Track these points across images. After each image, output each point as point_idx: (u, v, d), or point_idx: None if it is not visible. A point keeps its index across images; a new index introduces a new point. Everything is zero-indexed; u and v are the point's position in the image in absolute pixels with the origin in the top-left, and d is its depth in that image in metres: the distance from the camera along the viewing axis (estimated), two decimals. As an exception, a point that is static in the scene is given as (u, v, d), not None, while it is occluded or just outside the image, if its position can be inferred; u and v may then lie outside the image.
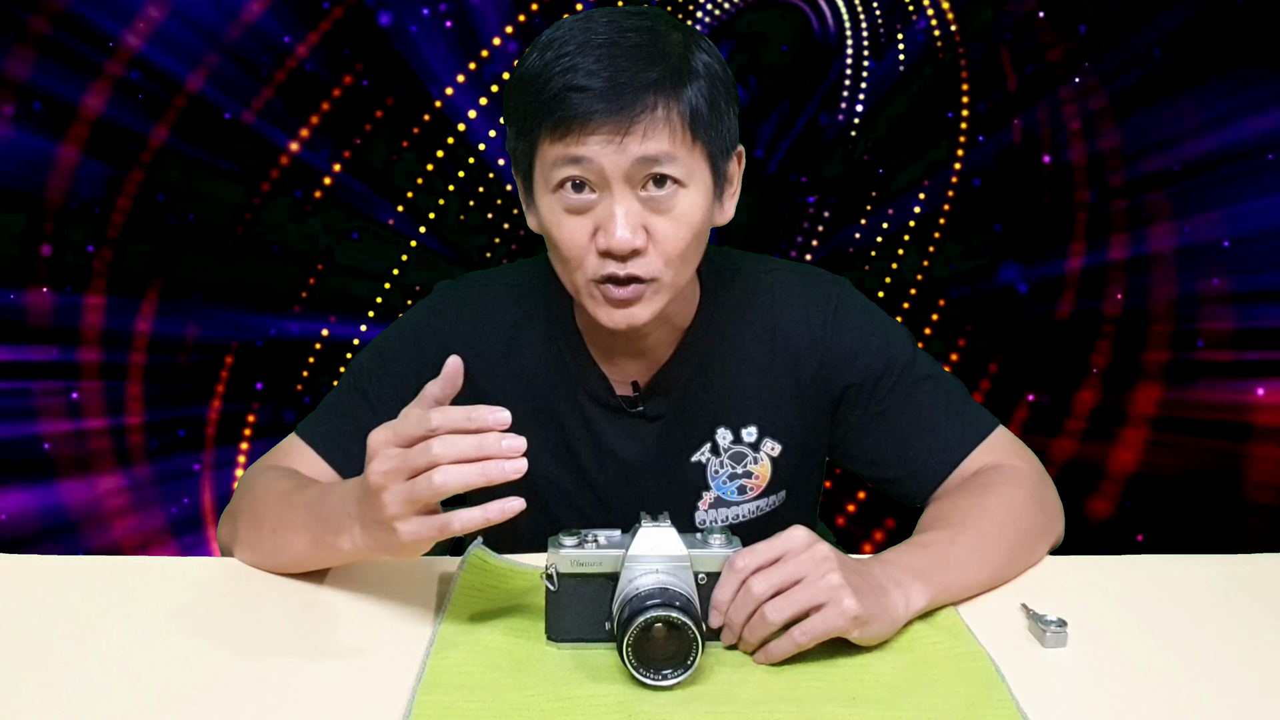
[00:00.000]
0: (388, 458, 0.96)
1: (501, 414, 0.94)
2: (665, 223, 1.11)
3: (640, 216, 1.10)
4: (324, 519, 1.06)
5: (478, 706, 0.92)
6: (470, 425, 0.94)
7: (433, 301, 1.32)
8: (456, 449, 0.93)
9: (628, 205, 1.10)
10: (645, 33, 1.10)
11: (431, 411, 0.95)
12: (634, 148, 1.08)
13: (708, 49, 1.14)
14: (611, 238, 1.09)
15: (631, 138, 1.07)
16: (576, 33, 1.10)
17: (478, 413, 0.94)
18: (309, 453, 1.26)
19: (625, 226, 1.09)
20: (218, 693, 0.95)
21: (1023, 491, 1.21)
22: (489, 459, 0.93)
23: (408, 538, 0.96)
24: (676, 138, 1.09)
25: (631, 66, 1.08)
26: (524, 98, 1.11)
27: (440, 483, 0.93)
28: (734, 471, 1.29)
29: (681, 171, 1.10)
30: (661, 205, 1.11)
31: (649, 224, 1.11)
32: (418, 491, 0.94)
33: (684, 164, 1.10)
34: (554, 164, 1.10)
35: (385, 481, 0.95)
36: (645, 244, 1.11)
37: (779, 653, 0.98)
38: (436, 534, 0.96)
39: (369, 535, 1.00)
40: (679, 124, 1.09)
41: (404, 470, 0.95)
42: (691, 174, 1.11)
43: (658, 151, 1.08)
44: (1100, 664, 1.00)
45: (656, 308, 1.15)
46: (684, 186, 1.11)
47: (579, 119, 1.07)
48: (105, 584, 1.16)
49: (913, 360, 1.28)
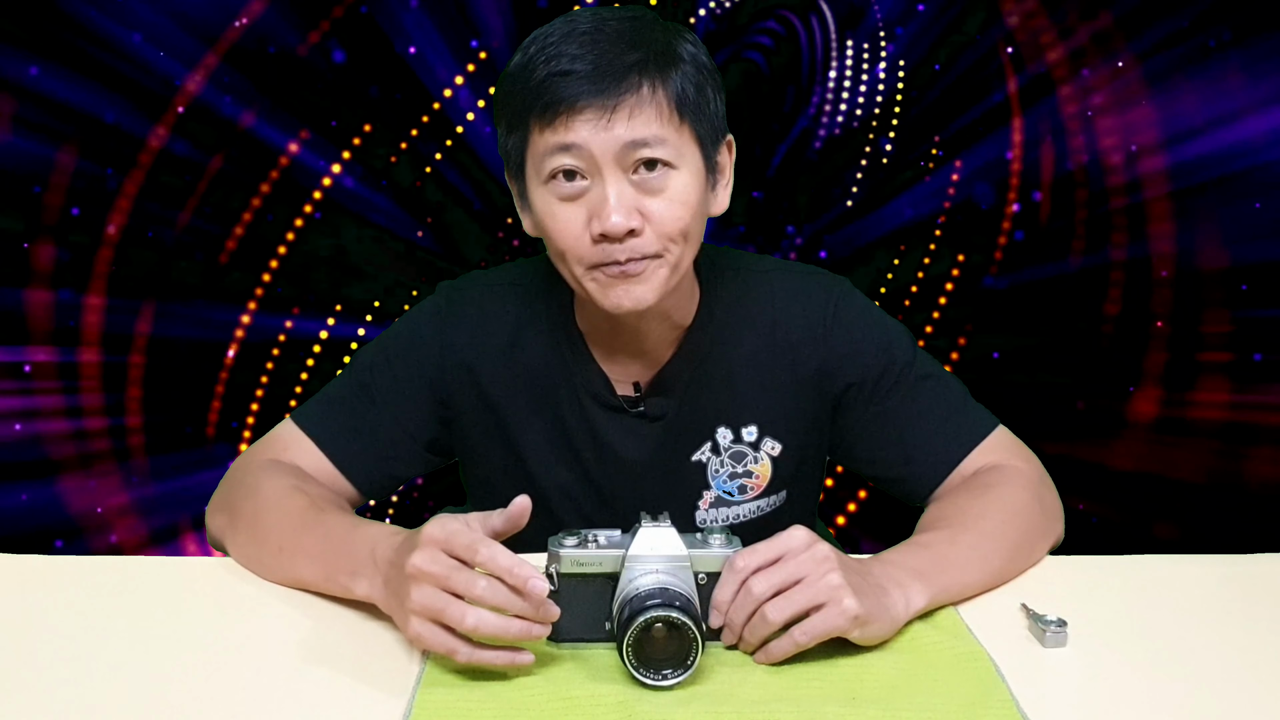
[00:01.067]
0: (433, 560, 0.95)
1: (541, 584, 0.93)
2: (659, 203, 1.11)
3: (633, 199, 1.11)
4: (345, 556, 1.06)
5: (478, 706, 0.92)
6: (510, 579, 0.93)
7: (436, 300, 1.32)
8: (499, 598, 0.93)
9: (619, 188, 1.10)
10: (628, 21, 1.12)
11: (487, 544, 0.94)
12: (621, 129, 1.08)
13: (692, 40, 1.15)
14: (606, 221, 1.09)
15: (619, 118, 1.08)
16: (560, 26, 1.12)
17: (523, 571, 0.93)
18: (307, 443, 1.26)
19: (619, 209, 1.09)
20: (217, 693, 0.95)
21: (1023, 491, 1.21)
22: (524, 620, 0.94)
23: (413, 635, 0.96)
24: (664, 118, 1.10)
25: (614, 49, 1.09)
26: (511, 92, 1.13)
27: (473, 625, 0.93)
28: (734, 471, 1.29)
29: (671, 154, 1.11)
30: (653, 187, 1.11)
31: (642, 206, 1.11)
32: (449, 614, 0.94)
33: (673, 146, 1.11)
34: (545, 154, 1.11)
35: (421, 580, 0.95)
36: (641, 225, 1.11)
37: (779, 653, 0.98)
38: (442, 653, 0.95)
39: (389, 595, 1.00)
40: (665, 104, 1.10)
41: (442, 582, 0.94)
42: (681, 155, 1.12)
43: (646, 134, 1.09)
44: (1100, 664, 1.00)
45: (659, 286, 1.14)
46: (675, 169, 1.12)
47: (566, 102, 1.08)
48: (105, 584, 1.16)
49: (913, 359, 1.28)
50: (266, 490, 1.18)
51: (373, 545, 1.04)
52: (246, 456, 1.27)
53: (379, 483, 1.29)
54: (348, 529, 1.10)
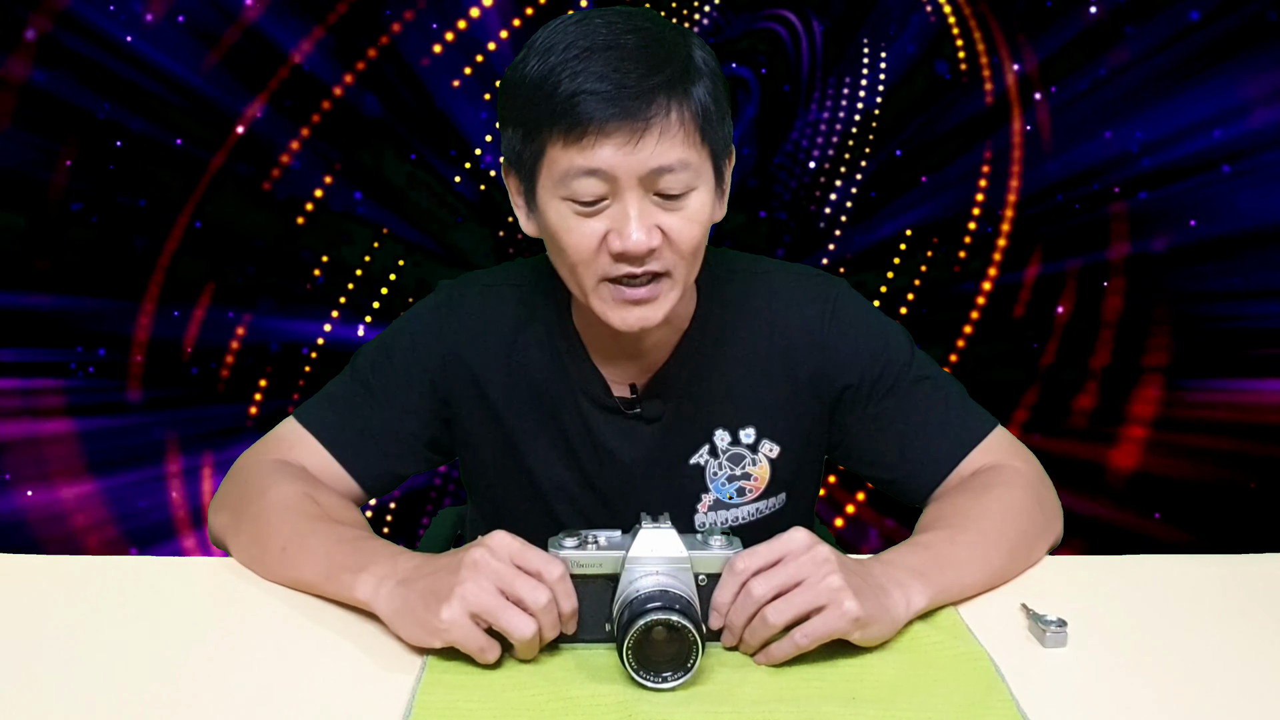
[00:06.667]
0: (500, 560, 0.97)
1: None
2: (677, 220, 1.11)
3: (653, 216, 1.10)
4: (353, 555, 1.07)
5: (478, 706, 0.92)
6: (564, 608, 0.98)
7: (436, 299, 1.32)
8: (551, 618, 0.97)
9: (641, 207, 1.09)
10: (645, 34, 1.10)
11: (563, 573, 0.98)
12: (647, 153, 1.07)
13: (701, 45, 1.14)
14: (628, 240, 1.09)
15: (646, 142, 1.07)
16: (578, 36, 1.09)
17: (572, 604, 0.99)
18: (310, 441, 1.26)
19: (640, 229, 1.09)
20: (217, 692, 0.95)
21: (1022, 492, 1.21)
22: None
23: (446, 622, 0.96)
24: (689, 140, 1.09)
25: (638, 69, 1.07)
26: (530, 102, 1.10)
27: (530, 635, 0.96)
28: (733, 473, 1.29)
29: (692, 176, 1.10)
30: (673, 204, 1.10)
31: (661, 222, 1.10)
32: (503, 617, 0.95)
33: (694, 169, 1.10)
34: (565, 173, 1.09)
35: (481, 573, 0.96)
36: (660, 243, 1.10)
37: (780, 655, 0.98)
38: (470, 647, 0.96)
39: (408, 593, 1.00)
40: (691, 125, 1.09)
41: (507, 583, 0.96)
42: (700, 175, 1.11)
43: (672, 160, 1.08)
44: (1100, 664, 1.00)
45: (669, 306, 1.14)
46: (694, 188, 1.11)
47: (595, 123, 1.06)
48: (105, 584, 1.16)
49: (910, 360, 1.28)
50: (274, 494, 1.18)
51: (396, 551, 1.05)
52: (251, 455, 1.27)
53: (382, 480, 1.29)
54: (361, 536, 1.11)
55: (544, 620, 0.96)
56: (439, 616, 0.96)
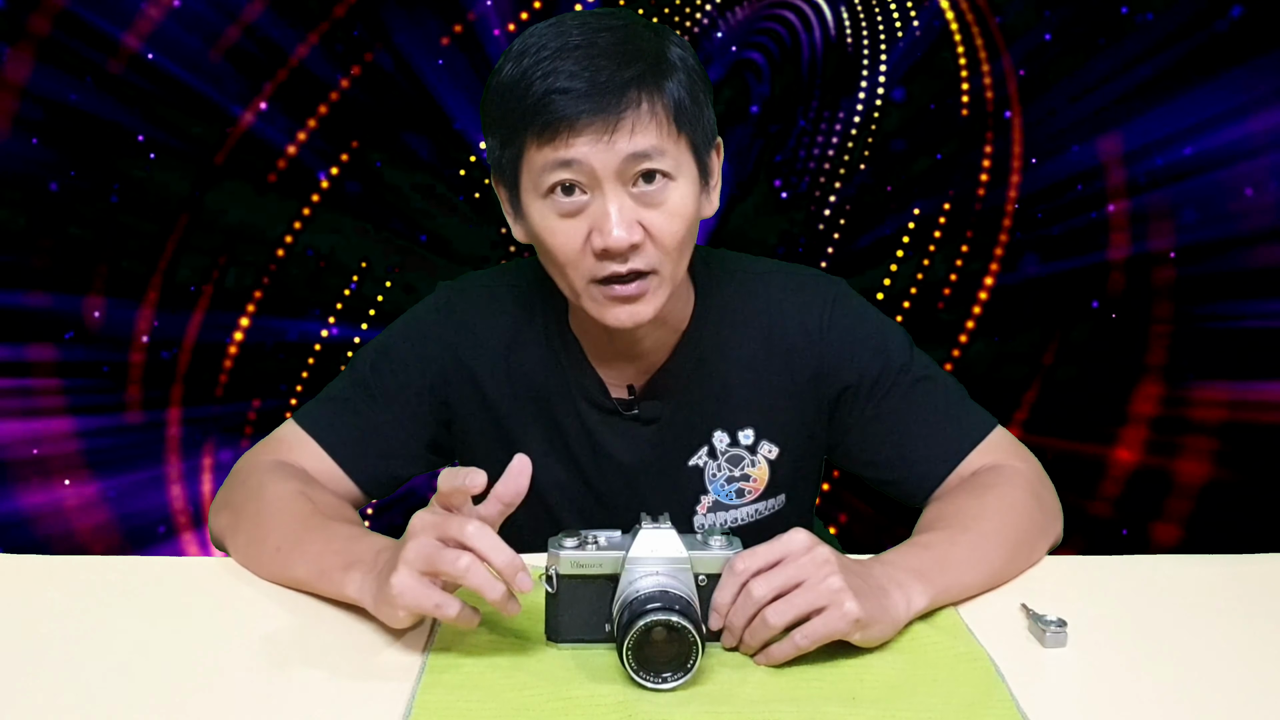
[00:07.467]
0: (431, 512, 0.97)
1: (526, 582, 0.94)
2: (658, 216, 1.11)
3: (633, 212, 1.10)
4: (343, 554, 1.07)
5: (478, 706, 0.92)
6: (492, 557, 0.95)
7: (436, 300, 1.32)
8: (489, 543, 0.94)
9: (620, 203, 1.10)
10: (618, 31, 1.11)
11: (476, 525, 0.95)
12: (622, 144, 1.08)
13: (679, 44, 1.15)
14: (608, 237, 1.09)
15: (620, 134, 1.08)
16: (550, 38, 1.10)
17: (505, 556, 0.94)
18: (310, 443, 1.26)
19: (620, 225, 1.09)
20: (217, 693, 0.95)
21: (1022, 491, 1.21)
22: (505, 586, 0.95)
23: (396, 587, 0.95)
24: (663, 131, 1.10)
25: (610, 65, 1.08)
26: (506, 106, 1.11)
27: (465, 566, 0.94)
28: (732, 475, 1.29)
29: (670, 165, 1.11)
30: (653, 199, 1.11)
31: (642, 219, 1.11)
32: (442, 559, 0.94)
33: (672, 157, 1.11)
34: (542, 169, 1.10)
35: (418, 534, 0.96)
36: (641, 239, 1.11)
37: (780, 655, 0.98)
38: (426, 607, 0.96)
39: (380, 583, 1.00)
40: (664, 117, 1.10)
41: (439, 529, 0.96)
42: (679, 166, 1.12)
43: (647, 146, 1.09)
44: (1100, 664, 1.00)
45: (659, 302, 1.15)
46: (673, 179, 1.11)
47: (566, 120, 1.07)
48: (105, 584, 1.16)
49: (910, 361, 1.28)
50: (271, 493, 1.19)
51: (379, 547, 1.05)
52: (251, 457, 1.27)
53: (382, 482, 1.30)
54: (354, 534, 1.11)
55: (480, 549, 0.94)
56: (391, 587, 0.96)
